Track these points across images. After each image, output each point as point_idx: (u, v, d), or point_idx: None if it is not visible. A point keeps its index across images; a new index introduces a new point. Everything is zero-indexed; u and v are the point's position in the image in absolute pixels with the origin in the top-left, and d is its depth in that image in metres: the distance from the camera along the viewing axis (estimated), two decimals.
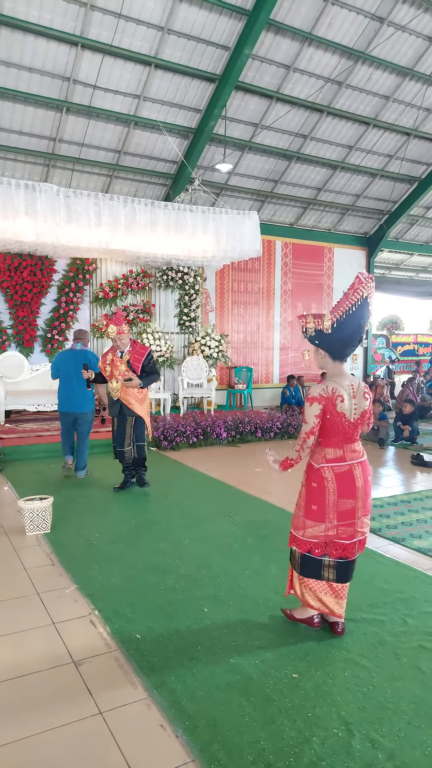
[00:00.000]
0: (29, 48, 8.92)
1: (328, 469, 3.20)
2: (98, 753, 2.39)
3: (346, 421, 3.17)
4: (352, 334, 3.18)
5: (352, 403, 3.18)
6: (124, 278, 11.41)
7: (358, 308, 3.11)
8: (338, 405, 3.13)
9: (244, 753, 2.38)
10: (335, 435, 3.19)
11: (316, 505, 3.21)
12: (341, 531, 3.22)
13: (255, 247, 10.07)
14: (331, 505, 3.19)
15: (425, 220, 15.85)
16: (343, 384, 3.18)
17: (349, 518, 3.21)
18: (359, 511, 3.23)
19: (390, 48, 10.61)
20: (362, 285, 3.10)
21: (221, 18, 9.34)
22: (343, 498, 3.18)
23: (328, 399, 3.14)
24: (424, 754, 2.39)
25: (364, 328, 3.23)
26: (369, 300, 3.15)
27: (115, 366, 6.11)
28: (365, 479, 3.26)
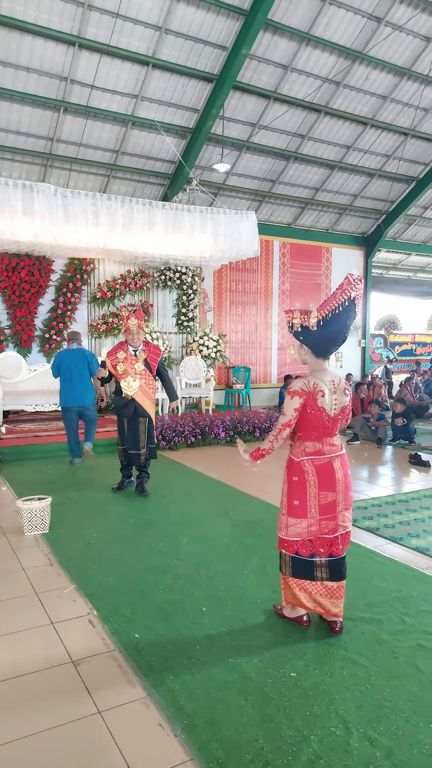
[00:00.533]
0: (27, 48, 8.91)
1: (308, 462, 3.26)
2: (97, 752, 2.39)
3: (326, 415, 3.22)
4: (337, 333, 3.23)
5: (333, 399, 3.24)
6: (122, 278, 11.41)
7: (344, 308, 3.16)
8: (319, 400, 3.19)
9: (243, 752, 2.38)
10: (315, 429, 3.24)
11: (298, 499, 3.26)
12: (323, 525, 3.25)
13: (253, 247, 10.08)
14: (312, 498, 3.23)
15: (423, 220, 15.88)
16: (324, 379, 3.24)
17: (330, 512, 3.25)
18: (340, 505, 3.27)
19: (387, 48, 10.63)
20: (350, 286, 3.14)
21: (219, 18, 9.35)
22: (324, 491, 3.24)
23: (309, 393, 3.19)
24: (422, 752, 2.39)
25: (349, 328, 3.28)
26: (356, 301, 3.19)
27: (130, 363, 5.87)
28: (345, 472, 3.32)
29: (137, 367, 5.87)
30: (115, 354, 5.95)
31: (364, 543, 4.87)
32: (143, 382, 5.94)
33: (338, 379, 3.31)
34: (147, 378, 5.98)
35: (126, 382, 5.84)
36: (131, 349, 5.96)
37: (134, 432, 6.06)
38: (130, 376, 5.85)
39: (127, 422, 6.07)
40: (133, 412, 5.97)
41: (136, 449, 6.10)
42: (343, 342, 3.32)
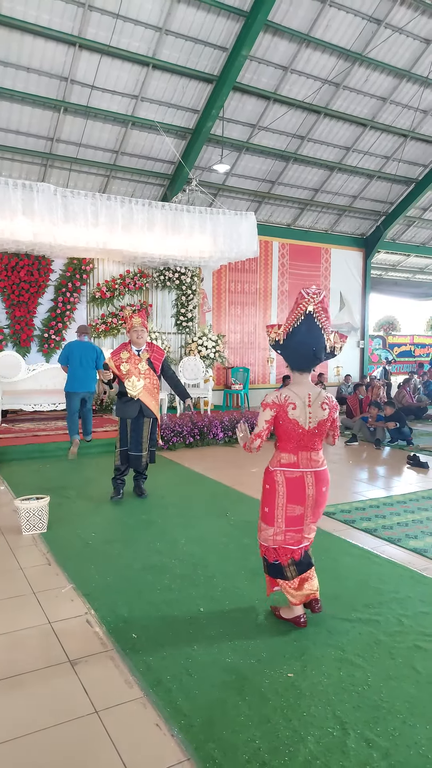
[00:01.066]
0: (27, 48, 8.92)
1: (280, 473, 3.32)
2: (94, 752, 2.39)
3: (300, 428, 3.26)
4: (302, 347, 3.24)
5: (307, 412, 3.27)
6: (122, 278, 11.41)
7: (302, 323, 3.19)
8: (290, 412, 3.24)
9: (240, 752, 2.38)
10: (289, 441, 3.30)
11: (268, 507, 3.35)
12: (289, 537, 3.34)
13: (252, 247, 10.09)
14: (279, 509, 3.30)
15: (422, 222, 15.90)
16: (299, 393, 3.28)
17: (297, 524, 3.32)
18: (307, 519, 3.34)
19: (387, 50, 10.64)
20: (304, 300, 3.17)
21: (219, 19, 9.36)
22: (292, 503, 3.29)
23: (279, 406, 3.26)
24: (419, 753, 2.40)
25: (316, 341, 3.23)
26: (315, 314, 3.18)
27: (134, 363, 5.76)
28: (318, 489, 3.33)
29: (141, 366, 5.76)
30: (119, 354, 5.83)
31: (362, 544, 4.87)
32: (147, 381, 5.81)
33: (317, 393, 3.32)
34: (151, 378, 5.85)
35: (130, 382, 5.73)
36: (134, 349, 5.85)
37: (138, 433, 5.90)
38: (134, 376, 5.74)
39: (130, 423, 5.89)
40: (138, 412, 5.83)
41: (138, 451, 5.93)
42: (317, 357, 3.28)
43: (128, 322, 5.89)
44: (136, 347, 5.86)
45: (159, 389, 6.01)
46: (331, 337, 3.31)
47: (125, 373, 5.74)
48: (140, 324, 5.77)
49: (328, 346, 3.30)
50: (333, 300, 15.12)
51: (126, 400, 5.83)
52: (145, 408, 5.83)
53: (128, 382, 5.73)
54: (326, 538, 5.01)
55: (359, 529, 5.29)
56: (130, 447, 5.93)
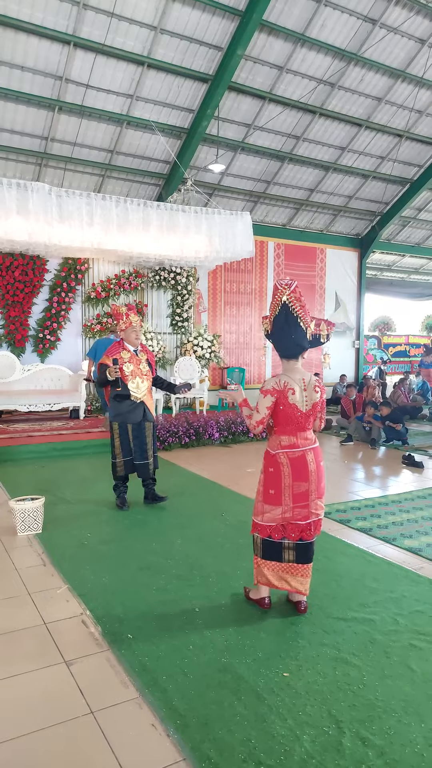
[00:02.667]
0: (21, 46, 8.89)
1: (283, 455, 3.46)
2: (90, 752, 2.39)
3: (298, 411, 3.43)
4: (285, 336, 3.43)
5: (303, 396, 3.44)
6: (117, 278, 11.39)
7: (279, 312, 3.40)
8: (290, 397, 3.40)
9: (235, 751, 2.38)
10: (288, 424, 3.45)
11: (273, 489, 3.47)
12: (296, 513, 3.47)
13: (247, 247, 10.08)
14: (286, 488, 3.45)
15: (417, 222, 15.93)
16: (294, 378, 3.45)
17: (303, 500, 3.46)
18: (313, 494, 3.48)
19: (382, 50, 10.66)
20: (279, 292, 3.37)
21: (214, 18, 9.36)
22: (298, 481, 3.45)
23: (280, 392, 3.40)
24: (414, 751, 2.40)
25: (294, 329, 3.40)
26: (290, 305, 3.37)
27: (136, 364, 5.45)
28: (317, 464, 3.52)
29: (142, 367, 5.49)
30: (119, 353, 5.44)
31: (357, 543, 4.88)
32: (149, 383, 5.55)
33: (308, 377, 3.50)
34: (150, 379, 5.60)
35: (134, 384, 5.39)
36: (131, 348, 5.54)
37: (141, 439, 5.54)
38: (138, 377, 5.42)
39: (132, 429, 5.52)
40: (142, 416, 5.51)
41: (144, 459, 5.59)
42: (301, 344, 3.44)
43: (124, 319, 5.52)
44: (133, 347, 5.57)
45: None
46: (311, 324, 3.46)
47: (129, 374, 5.39)
48: (138, 323, 5.54)
49: (308, 334, 3.46)
50: (328, 300, 15.14)
51: (129, 404, 5.46)
52: (148, 412, 5.57)
53: (132, 383, 5.40)
54: (322, 537, 5.01)
55: (355, 528, 5.29)
56: (135, 456, 5.58)
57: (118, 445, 5.59)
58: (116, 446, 5.60)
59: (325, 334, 3.52)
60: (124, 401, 5.47)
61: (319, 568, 4.31)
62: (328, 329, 3.53)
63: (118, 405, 5.51)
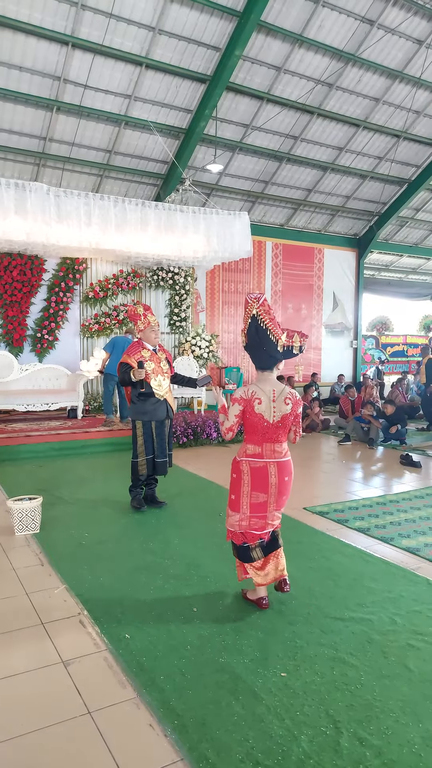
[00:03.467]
0: (20, 47, 8.89)
1: (245, 463, 3.56)
2: (87, 752, 2.39)
3: (265, 421, 3.48)
4: (258, 348, 3.52)
5: (272, 407, 3.49)
6: (115, 278, 11.39)
7: (250, 326, 3.50)
8: (255, 406, 3.47)
9: (233, 752, 2.38)
10: (254, 433, 3.52)
11: (234, 495, 3.60)
12: (253, 522, 3.56)
13: (245, 247, 10.08)
14: (244, 496, 3.54)
15: (415, 222, 15.95)
16: (264, 388, 3.51)
17: (261, 511, 3.54)
18: (271, 506, 3.55)
19: (380, 50, 10.67)
20: (248, 305, 3.48)
21: (212, 19, 9.36)
22: (256, 491, 3.52)
23: (246, 401, 3.49)
24: (411, 751, 2.40)
25: (264, 342, 3.48)
26: (259, 317, 3.46)
27: (157, 362, 5.45)
28: (281, 478, 3.55)
29: (163, 366, 5.47)
30: (139, 352, 5.42)
31: (354, 543, 4.89)
32: (169, 381, 5.58)
33: (280, 389, 3.53)
34: (170, 377, 5.61)
35: (156, 381, 5.37)
36: (150, 347, 5.52)
37: (162, 437, 5.55)
38: (160, 375, 5.40)
39: (155, 427, 5.50)
40: (165, 414, 5.50)
41: (164, 456, 5.59)
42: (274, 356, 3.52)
43: (142, 320, 5.52)
44: (152, 346, 5.55)
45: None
46: (282, 336, 3.51)
47: (151, 373, 5.38)
48: (156, 322, 5.52)
49: (279, 345, 3.50)
50: (326, 300, 15.15)
51: (153, 402, 5.44)
52: (170, 409, 5.56)
53: (154, 381, 5.38)
54: (319, 537, 5.02)
55: (352, 528, 5.30)
56: (156, 453, 5.56)
57: (142, 443, 5.52)
58: (139, 445, 5.53)
59: (298, 345, 3.57)
60: (148, 399, 5.44)
61: (317, 567, 4.32)
62: (301, 340, 3.58)
63: (142, 404, 5.48)
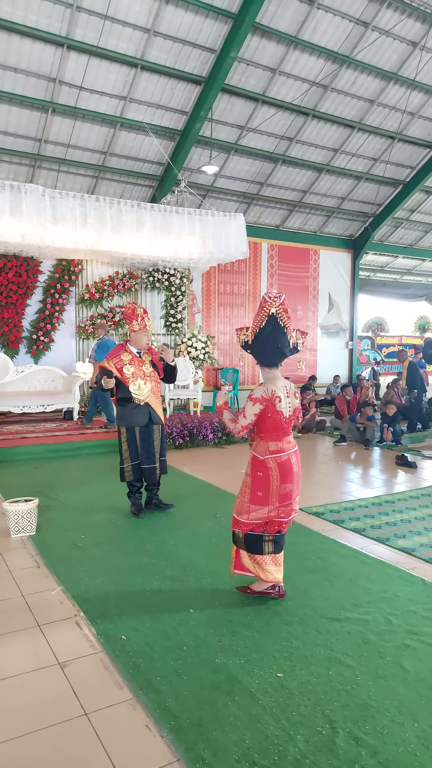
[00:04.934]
0: (15, 48, 8.88)
1: (272, 460, 3.64)
2: (84, 754, 2.39)
3: (283, 417, 3.62)
4: (269, 345, 3.63)
5: (287, 402, 3.65)
6: (110, 279, 11.39)
7: (266, 323, 3.58)
8: (277, 405, 3.59)
9: (229, 752, 2.39)
10: (276, 430, 3.63)
11: (262, 492, 3.65)
12: (281, 511, 3.68)
13: (241, 248, 10.09)
14: (274, 491, 3.63)
15: (410, 223, 15.99)
16: (279, 386, 3.65)
17: (287, 500, 3.68)
18: (294, 493, 3.73)
19: (374, 52, 10.70)
20: (267, 304, 3.55)
21: (207, 21, 9.37)
22: (284, 483, 3.65)
23: (268, 400, 3.58)
24: (407, 750, 2.42)
25: (280, 339, 3.61)
26: (279, 316, 3.57)
27: (138, 365, 5.33)
28: (299, 465, 3.76)
29: (145, 369, 5.35)
30: (119, 356, 5.33)
31: (350, 544, 4.90)
32: (153, 384, 5.40)
33: (289, 384, 3.75)
34: (156, 380, 5.46)
35: (136, 386, 5.24)
36: (134, 350, 5.43)
37: (148, 442, 5.40)
38: (140, 379, 5.27)
39: (139, 432, 5.38)
40: (147, 419, 5.36)
41: (151, 463, 5.44)
42: (283, 353, 3.65)
43: (139, 321, 5.38)
44: (137, 348, 5.44)
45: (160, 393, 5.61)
46: (293, 334, 3.67)
47: (130, 376, 5.26)
48: (150, 326, 5.42)
49: (290, 343, 3.66)
50: (321, 301, 15.17)
51: (133, 407, 5.32)
52: (154, 414, 5.40)
53: (133, 386, 5.24)
54: (315, 537, 5.04)
55: (348, 528, 5.31)
56: (141, 460, 5.44)
57: (126, 449, 5.44)
58: (124, 451, 5.45)
59: (301, 342, 3.73)
60: (127, 404, 5.35)
61: (313, 568, 4.33)
62: (303, 337, 3.74)
63: (122, 408, 5.41)
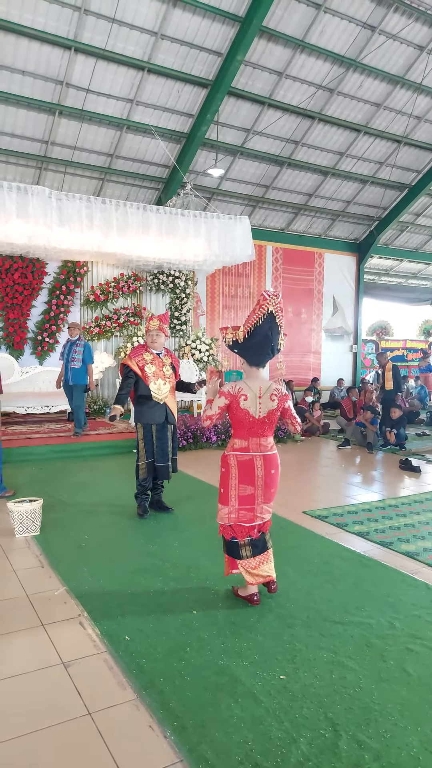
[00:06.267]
0: (23, 51, 8.93)
1: (233, 457, 3.66)
2: (87, 753, 2.40)
3: (251, 417, 3.60)
4: (260, 344, 3.60)
5: (257, 403, 3.60)
6: (116, 281, 11.42)
7: (264, 321, 3.55)
8: (241, 402, 3.59)
9: (232, 753, 2.39)
10: (241, 428, 3.64)
11: (223, 488, 3.69)
12: (242, 515, 3.65)
13: (246, 251, 10.11)
14: (233, 489, 3.64)
15: (415, 227, 15.98)
16: (251, 386, 3.62)
17: (248, 503, 3.65)
18: (259, 498, 3.66)
19: (381, 56, 10.71)
20: (266, 301, 3.53)
21: (214, 24, 9.40)
22: (243, 483, 3.63)
23: (233, 396, 3.59)
24: (410, 754, 2.42)
25: (273, 338, 3.63)
26: (275, 314, 3.59)
27: (159, 366, 5.45)
28: (267, 471, 3.67)
29: (166, 370, 5.47)
30: (141, 355, 5.47)
31: (354, 547, 4.90)
32: (171, 386, 5.54)
33: (267, 385, 3.66)
34: (173, 383, 5.57)
35: (156, 385, 5.37)
36: (155, 351, 5.54)
37: (163, 441, 5.51)
38: (160, 379, 5.39)
39: (156, 430, 5.49)
40: (164, 418, 5.47)
41: (165, 461, 5.54)
42: (272, 351, 3.66)
43: (146, 324, 5.65)
44: (156, 350, 5.57)
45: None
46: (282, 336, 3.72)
47: (151, 375, 5.40)
48: (156, 327, 5.52)
49: (279, 344, 3.70)
50: (326, 304, 15.17)
51: (151, 405, 5.43)
52: (170, 414, 5.52)
53: (153, 384, 5.38)
54: (319, 541, 5.04)
55: (351, 532, 5.31)
56: (156, 457, 5.54)
57: (143, 447, 5.52)
58: (141, 448, 5.54)
59: (283, 343, 3.78)
60: (146, 402, 5.45)
61: (316, 571, 4.33)
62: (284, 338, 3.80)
63: (140, 406, 5.51)
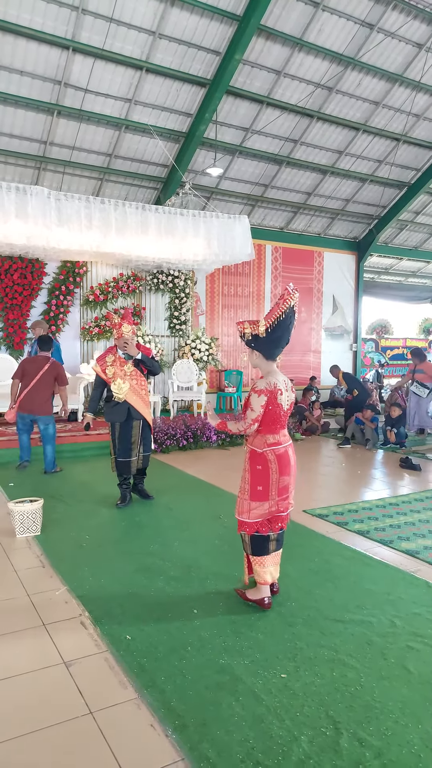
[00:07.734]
0: (21, 51, 8.92)
1: (271, 452, 3.65)
2: (88, 753, 2.40)
3: (283, 410, 3.66)
4: (281, 337, 3.66)
5: (286, 396, 3.67)
6: (115, 281, 11.42)
7: (286, 316, 3.58)
8: (278, 397, 3.61)
9: (234, 752, 2.40)
10: (275, 422, 3.65)
11: (261, 485, 3.65)
12: (281, 505, 3.68)
13: (246, 250, 10.11)
14: (273, 484, 3.64)
15: (414, 225, 15.97)
16: (279, 379, 3.67)
17: (285, 493, 3.69)
18: (291, 485, 3.74)
19: (380, 54, 10.71)
20: (290, 296, 3.57)
21: (212, 23, 9.40)
22: (282, 476, 3.66)
23: (271, 392, 3.59)
24: (411, 752, 2.42)
25: (290, 332, 3.70)
26: (295, 309, 3.64)
27: (119, 366, 5.68)
28: (294, 458, 3.79)
29: (126, 368, 5.69)
30: (104, 359, 5.77)
31: (354, 546, 4.90)
32: (134, 382, 5.72)
33: (286, 378, 3.76)
34: (138, 378, 5.77)
35: (116, 385, 5.62)
36: (121, 353, 5.78)
37: (126, 438, 5.77)
38: (119, 378, 5.64)
39: (119, 427, 5.78)
40: (126, 415, 5.72)
41: (126, 457, 5.81)
42: (286, 344, 3.74)
43: (117, 330, 5.73)
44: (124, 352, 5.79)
45: (147, 391, 5.93)
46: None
47: (111, 377, 5.66)
48: (130, 333, 5.67)
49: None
50: (326, 303, 15.18)
51: (113, 404, 5.74)
52: (133, 410, 5.73)
53: (114, 385, 5.63)
54: (319, 539, 5.04)
55: (352, 531, 5.32)
56: (119, 453, 5.81)
57: (112, 444, 5.92)
58: (111, 444, 5.95)
59: None
60: (110, 401, 5.81)
61: (316, 570, 4.33)
62: None
63: (107, 405, 5.87)
